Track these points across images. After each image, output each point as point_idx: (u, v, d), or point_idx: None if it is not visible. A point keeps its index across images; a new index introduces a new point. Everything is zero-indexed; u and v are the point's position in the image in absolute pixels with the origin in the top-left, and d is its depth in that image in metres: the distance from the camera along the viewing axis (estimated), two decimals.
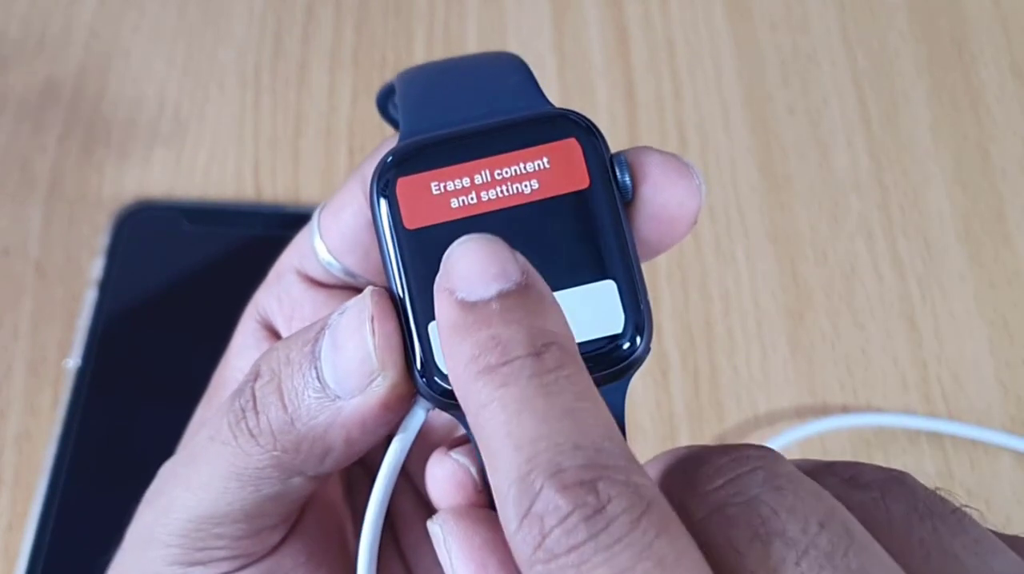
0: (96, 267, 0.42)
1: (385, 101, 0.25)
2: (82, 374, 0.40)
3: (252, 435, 0.20)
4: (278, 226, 0.43)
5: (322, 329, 0.20)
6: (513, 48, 0.48)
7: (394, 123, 0.26)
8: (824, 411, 0.41)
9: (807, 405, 0.41)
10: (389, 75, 0.48)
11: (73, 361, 0.40)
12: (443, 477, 0.20)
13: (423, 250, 0.19)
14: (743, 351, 0.42)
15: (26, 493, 0.38)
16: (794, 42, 0.49)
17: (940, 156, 0.46)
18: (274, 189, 0.45)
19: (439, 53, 0.48)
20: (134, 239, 0.43)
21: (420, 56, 0.48)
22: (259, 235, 0.43)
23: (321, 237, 0.24)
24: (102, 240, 0.43)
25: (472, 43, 0.49)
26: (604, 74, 0.48)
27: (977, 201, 0.45)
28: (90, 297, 0.41)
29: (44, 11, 0.48)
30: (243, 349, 0.26)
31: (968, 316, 0.43)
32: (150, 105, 0.46)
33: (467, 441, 0.20)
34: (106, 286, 0.42)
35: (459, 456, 0.20)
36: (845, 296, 0.43)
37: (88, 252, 0.43)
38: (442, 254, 0.18)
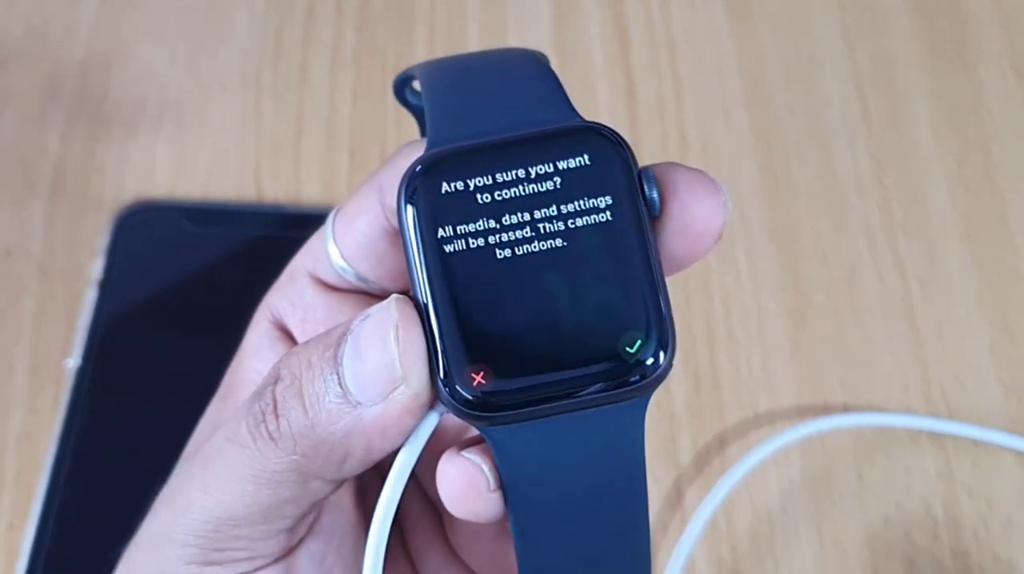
0: (97, 267, 0.42)
1: (402, 88, 0.25)
2: (82, 374, 0.40)
3: (272, 439, 0.20)
4: (279, 227, 0.44)
5: (344, 334, 0.20)
6: None
7: (411, 109, 0.26)
8: (825, 411, 0.41)
9: (808, 405, 0.41)
10: (390, 76, 0.48)
11: (73, 361, 0.40)
12: (455, 475, 0.20)
13: (450, 260, 0.19)
14: (744, 351, 0.42)
15: (26, 493, 0.38)
16: (795, 42, 0.49)
17: (941, 156, 0.46)
18: (275, 189, 0.45)
19: (440, 53, 0.48)
20: (135, 239, 0.43)
21: (421, 56, 0.48)
22: (260, 235, 0.43)
23: (335, 242, 0.24)
24: (103, 240, 0.43)
25: (473, 43, 0.49)
26: (604, 74, 0.48)
27: (979, 202, 0.45)
28: (90, 297, 0.41)
29: (46, 10, 0.48)
30: (258, 349, 0.26)
31: (969, 316, 0.43)
32: (151, 105, 0.46)
33: (479, 441, 0.20)
34: (107, 286, 0.42)
35: (471, 455, 0.20)
36: (846, 296, 0.43)
37: (89, 252, 0.43)
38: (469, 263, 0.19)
